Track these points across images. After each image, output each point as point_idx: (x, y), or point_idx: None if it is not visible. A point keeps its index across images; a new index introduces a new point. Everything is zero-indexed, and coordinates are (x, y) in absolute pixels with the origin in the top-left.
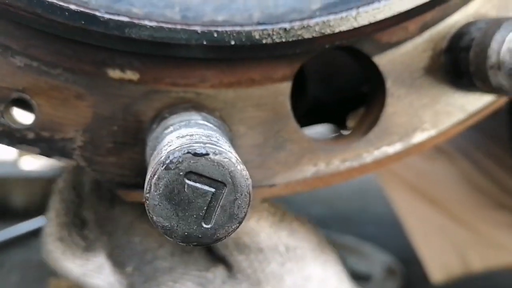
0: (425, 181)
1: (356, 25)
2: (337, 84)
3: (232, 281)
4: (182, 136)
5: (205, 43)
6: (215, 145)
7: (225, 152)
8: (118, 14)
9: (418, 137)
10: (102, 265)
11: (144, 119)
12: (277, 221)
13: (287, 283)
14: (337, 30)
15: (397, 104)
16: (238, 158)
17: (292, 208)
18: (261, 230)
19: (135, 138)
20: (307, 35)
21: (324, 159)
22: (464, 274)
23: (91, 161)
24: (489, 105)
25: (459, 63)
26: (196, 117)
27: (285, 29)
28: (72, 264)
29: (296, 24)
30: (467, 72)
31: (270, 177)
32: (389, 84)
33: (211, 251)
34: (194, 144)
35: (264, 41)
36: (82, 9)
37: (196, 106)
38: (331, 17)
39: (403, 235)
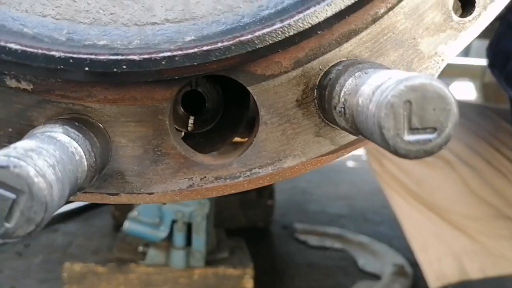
0: (425, 188)
1: (208, 59)
2: None
3: None
4: (14, 148)
5: (61, 67)
6: (21, 159)
7: (25, 166)
8: None
9: (289, 162)
10: None
11: (36, 124)
12: None
13: None
14: (198, 62)
15: (270, 131)
16: (41, 172)
17: (313, 204)
18: None
19: None
20: (172, 65)
21: (199, 174)
22: (462, 282)
23: None
24: (359, 139)
25: (323, 100)
26: (56, 129)
27: (149, 59)
28: None
29: (157, 55)
30: (328, 109)
31: (148, 185)
32: (262, 112)
33: None
34: (0, 157)
35: (123, 69)
36: None
37: (81, 117)
38: (195, 50)
39: None
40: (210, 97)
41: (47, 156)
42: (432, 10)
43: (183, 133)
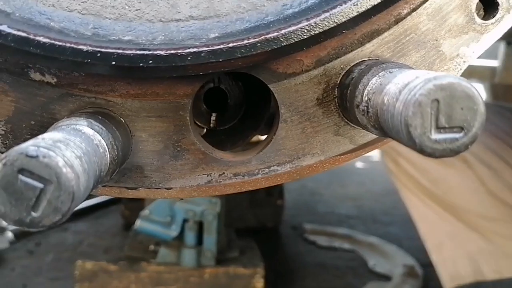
0: (440, 187)
1: (234, 56)
2: None
3: None
4: (42, 138)
5: (89, 60)
6: (50, 149)
7: (54, 157)
8: (18, 30)
9: (308, 161)
10: None
11: (59, 117)
12: None
13: None
14: (223, 59)
15: (290, 129)
16: (69, 162)
17: (322, 205)
18: None
19: None
20: (198, 61)
21: (218, 171)
22: (476, 282)
23: (10, 148)
24: (378, 139)
25: (344, 99)
26: (81, 122)
27: (172, 55)
28: None
29: (182, 51)
30: (349, 108)
31: (167, 180)
32: (283, 110)
33: None
34: (30, 146)
35: (149, 64)
36: None
37: (103, 111)
38: (221, 46)
39: None
40: (233, 94)
41: (74, 147)
42: (455, 12)
43: (205, 130)
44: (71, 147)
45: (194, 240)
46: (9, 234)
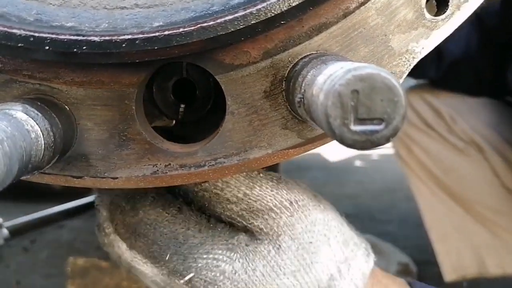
0: (452, 177)
1: (169, 44)
2: None
3: (254, 241)
4: None
5: (22, 45)
6: None
7: None
8: None
9: (255, 154)
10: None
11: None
12: (276, 184)
13: (298, 230)
14: (158, 46)
15: (237, 121)
16: None
17: None
18: (266, 194)
19: None
20: (133, 48)
21: (164, 161)
22: (479, 276)
23: None
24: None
25: (289, 92)
26: (15, 107)
27: (111, 41)
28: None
29: (118, 37)
30: (292, 101)
31: (112, 170)
32: (229, 102)
33: (232, 224)
34: None
35: (83, 50)
36: None
37: (46, 98)
38: (156, 34)
39: (423, 236)
40: (201, 86)
41: None
42: (404, 7)
43: (174, 122)
44: None
45: None
46: (4, 231)
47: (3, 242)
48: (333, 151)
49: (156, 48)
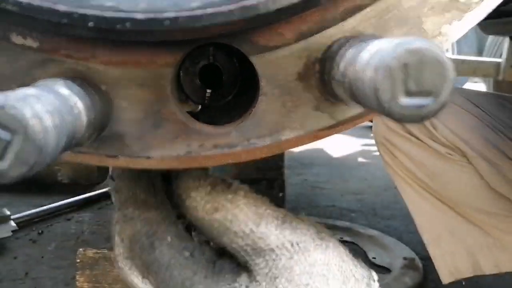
0: (438, 181)
1: (212, 21)
2: None
3: (253, 283)
4: (13, 92)
5: (65, 21)
6: (19, 101)
7: (21, 108)
8: None
9: (287, 135)
10: None
11: None
12: (281, 222)
13: (296, 272)
14: (201, 24)
15: (270, 102)
16: (38, 115)
17: (323, 199)
18: (270, 233)
19: None
20: (176, 26)
21: (197, 141)
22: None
23: None
24: (358, 115)
25: (323, 73)
26: (59, 82)
27: (154, 20)
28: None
29: (162, 16)
30: (328, 82)
31: (147, 150)
32: (263, 83)
33: (236, 261)
34: None
35: (126, 27)
36: None
37: (84, 76)
38: (199, 12)
39: None
40: (227, 70)
41: (46, 103)
42: None
43: (200, 107)
44: (42, 102)
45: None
46: (12, 223)
47: (10, 234)
48: (336, 147)
49: (198, 26)
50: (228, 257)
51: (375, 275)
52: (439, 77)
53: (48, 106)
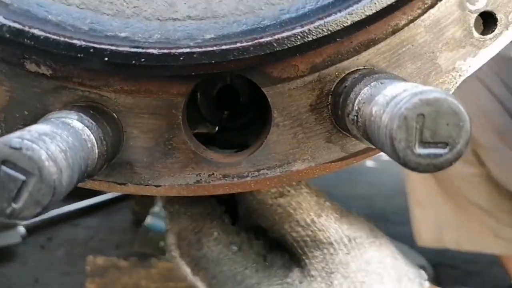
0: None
1: (226, 58)
2: None
3: (307, 279)
4: (28, 131)
5: (82, 55)
6: (34, 142)
7: (37, 150)
8: (14, 21)
9: (298, 166)
10: None
11: (52, 109)
12: (339, 216)
13: (352, 268)
14: (215, 61)
15: (281, 133)
16: (52, 156)
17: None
18: (330, 226)
19: None
20: (190, 61)
21: (207, 171)
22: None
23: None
24: (370, 149)
25: (336, 107)
26: (71, 115)
27: (167, 54)
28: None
29: (176, 51)
30: (341, 116)
31: (156, 178)
32: (275, 114)
33: (289, 252)
34: (14, 138)
35: (141, 62)
36: None
37: (96, 105)
38: (214, 48)
39: None
40: (244, 93)
41: (60, 141)
42: (453, 25)
43: (216, 128)
44: (56, 141)
45: None
46: (21, 229)
47: (20, 240)
48: None
49: (213, 62)
50: (279, 251)
51: (425, 275)
52: (455, 128)
53: (62, 144)
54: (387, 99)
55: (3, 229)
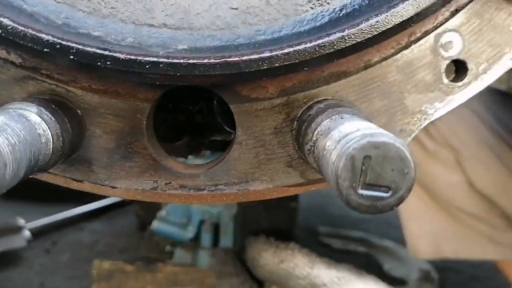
0: (427, 179)
1: (192, 73)
2: None
3: None
4: None
5: (48, 50)
6: None
7: None
8: None
9: (256, 186)
10: None
11: (17, 98)
12: (327, 265)
13: None
14: (181, 73)
15: (243, 151)
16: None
17: (335, 208)
18: (321, 272)
19: None
20: (156, 71)
21: (165, 179)
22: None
23: None
24: None
25: (299, 133)
26: (30, 108)
27: (134, 60)
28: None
29: (142, 59)
30: (302, 143)
31: (113, 179)
32: (239, 132)
33: None
34: None
35: (107, 65)
36: None
37: (60, 100)
38: (181, 60)
39: None
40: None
41: (11, 134)
42: (424, 69)
43: (232, 135)
44: (6, 133)
45: (210, 242)
46: (26, 233)
47: (25, 244)
48: None
49: (178, 74)
50: None
51: None
52: (400, 174)
53: (12, 138)
54: (341, 135)
55: (8, 233)
